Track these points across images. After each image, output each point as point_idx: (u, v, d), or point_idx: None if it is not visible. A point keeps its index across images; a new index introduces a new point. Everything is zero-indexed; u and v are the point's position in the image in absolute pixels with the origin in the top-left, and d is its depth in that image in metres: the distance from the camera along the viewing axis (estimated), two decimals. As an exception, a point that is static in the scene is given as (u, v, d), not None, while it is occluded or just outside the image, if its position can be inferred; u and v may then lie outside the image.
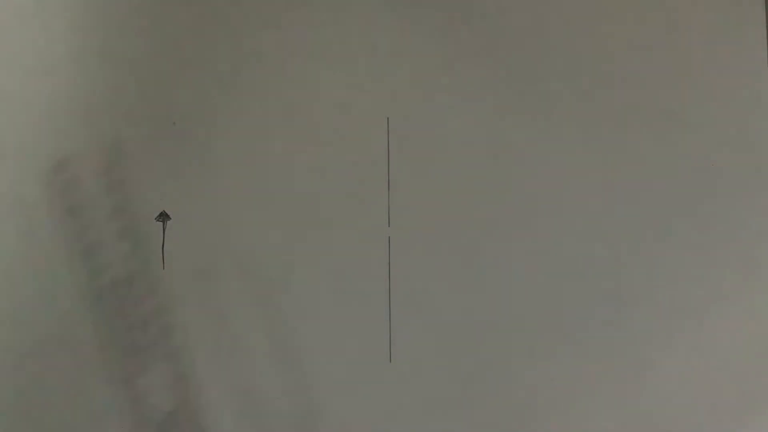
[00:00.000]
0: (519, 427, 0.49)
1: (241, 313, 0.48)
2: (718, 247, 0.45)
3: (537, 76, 0.46)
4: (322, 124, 0.48)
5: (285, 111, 0.48)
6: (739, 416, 0.44)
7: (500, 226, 0.46)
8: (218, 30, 0.49)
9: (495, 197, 0.47)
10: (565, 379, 0.49)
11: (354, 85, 0.48)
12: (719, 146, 0.46)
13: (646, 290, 0.46)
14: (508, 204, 0.46)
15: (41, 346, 0.49)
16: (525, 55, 0.46)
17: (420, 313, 0.47)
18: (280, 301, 0.48)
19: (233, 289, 0.48)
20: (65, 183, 0.49)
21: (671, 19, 0.47)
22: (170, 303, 0.49)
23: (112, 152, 0.49)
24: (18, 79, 0.50)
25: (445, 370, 0.45)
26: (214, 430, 0.49)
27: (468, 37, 0.47)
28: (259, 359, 0.48)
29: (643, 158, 0.46)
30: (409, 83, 0.48)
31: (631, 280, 0.46)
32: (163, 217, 0.49)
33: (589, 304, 0.47)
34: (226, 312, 0.48)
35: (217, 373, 0.48)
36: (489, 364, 0.51)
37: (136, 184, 0.49)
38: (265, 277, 0.48)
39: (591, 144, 0.46)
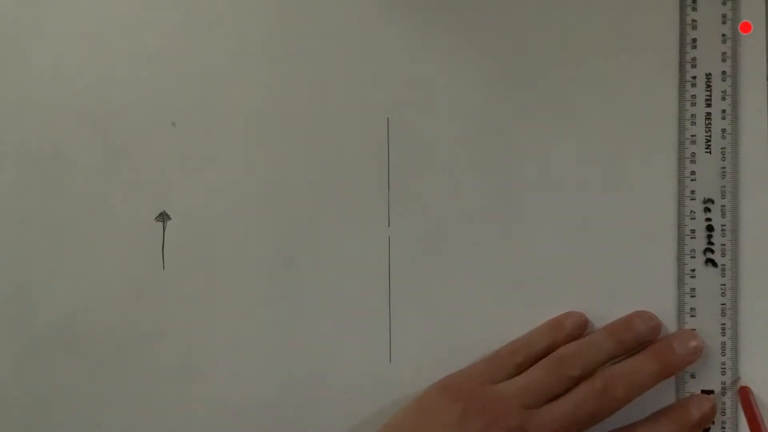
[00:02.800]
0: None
1: (239, 314, 0.48)
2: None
3: (543, 75, 0.46)
4: (322, 123, 0.48)
5: (284, 110, 0.48)
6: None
7: (501, 227, 0.46)
8: (217, 27, 0.49)
9: (496, 197, 0.46)
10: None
11: (354, 85, 0.48)
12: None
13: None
14: (510, 204, 0.46)
15: (41, 345, 0.50)
16: (528, 55, 0.46)
17: (420, 314, 0.47)
18: (279, 301, 0.48)
19: (232, 290, 0.48)
20: (65, 182, 0.50)
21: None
22: (170, 303, 0.49)
23: (112, 152, 0.49)
24: (18, 80, 0.50)
25: (445, 371, 0.45)
26: None
27: (470, 36, 0.47)
28: (259, 360, 0.48)
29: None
30: (409, 83, 0.47)
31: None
32: (163, 217, 0.49)
33: (591, 307, 0.47)
34: (225, 313, 0.48)
35: (216, 373, 0.48)
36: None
37: (136, 184, 0.49)
38: (263, 278, 0.48)
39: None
